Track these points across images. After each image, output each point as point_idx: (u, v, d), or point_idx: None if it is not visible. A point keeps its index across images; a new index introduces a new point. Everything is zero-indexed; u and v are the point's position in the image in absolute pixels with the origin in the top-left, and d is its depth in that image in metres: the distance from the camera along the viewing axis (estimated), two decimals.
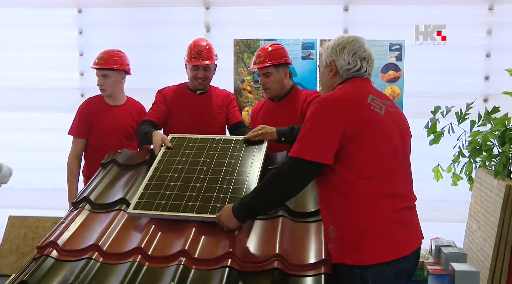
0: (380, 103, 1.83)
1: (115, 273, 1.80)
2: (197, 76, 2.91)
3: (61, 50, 4.05)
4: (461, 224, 2.98)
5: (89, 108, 3.07)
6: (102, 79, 3.02)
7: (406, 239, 1.77)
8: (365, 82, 1.92)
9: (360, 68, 1.90)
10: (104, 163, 2.54)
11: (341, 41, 1.93)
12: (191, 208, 2.05)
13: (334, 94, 1.84)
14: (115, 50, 3.09)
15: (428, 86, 3.71)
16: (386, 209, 1.74)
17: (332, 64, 1.93)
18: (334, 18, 3.80)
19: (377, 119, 1.79)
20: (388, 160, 1.78)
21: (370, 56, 1.92)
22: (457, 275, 2.17)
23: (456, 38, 3.63)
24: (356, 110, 1.76)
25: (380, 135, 1.78)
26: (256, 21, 3.85)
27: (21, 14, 4.05)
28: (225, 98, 3.08)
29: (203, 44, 2.95)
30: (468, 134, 2.90)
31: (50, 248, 1.92)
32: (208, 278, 1.75)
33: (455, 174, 3.02)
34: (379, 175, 1.75)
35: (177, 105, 2.94)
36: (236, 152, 2.35)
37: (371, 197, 1.72)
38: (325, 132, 1.74)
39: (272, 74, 2.76)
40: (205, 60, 2.90)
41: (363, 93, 1.83)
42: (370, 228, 1.71)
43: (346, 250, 1.74)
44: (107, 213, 2.16)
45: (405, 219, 1.79)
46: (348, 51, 1.89)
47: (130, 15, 3.99)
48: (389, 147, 1.80)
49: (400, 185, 1.81)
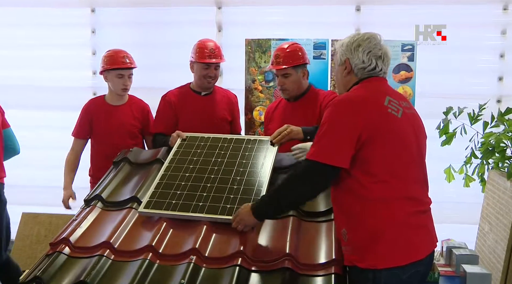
0: (397, 105, 1.79)
1: (126, 271, 1.82)
2: (208, 74, 2.91)
3: (74, 49, 4.09)
4: (472, 225, 2.96)
5: (91, 109, 3.07)
6: (127, 80, 3.03)
7: (421, 243, 1.75)
8: (382, 82, 1.88)
9: (375, 67, 1.85)
10: (116, 161, 2.56)
11: (356, 38, 1.87)
12: (202, 208, 2.06)
13: (350, 96, 1.81)
14: (123, 50, 3.09)
15: (440, 86, 3.69)
16: (401, 213, 1.72)
17: (346, 62, 1.88)
18: (346, 18, 3.79)
19: (394, 122, 1.76)
20: (404, 164, 1.76)
21: (386, 55, 1.87)
22: (468, 277, 2.15)
23: (469, 39, 3.60)
24: (372, 113, 1.73)
25: (396, 139, 1.75)
26: (267, 21, 3.85)
27: (35, 13, 4.11)
28: (229, 101, 3.08)
29: (213, 43, 2.96)
30: (481, 136, 2.88)
31: (62, 244, 1.95)
32: (218, 276, 1.76)
33: (467, 175, 3.00)
34: (394, 178, 1.73)
35: (183, 108, 2.93)
36: (248, 152, 2.36)
37: (386, 201, 1.71)
38: (342, 136, 1.72)
39: (291, 75, 2.72)
40: (218, 58, 2.91)
41: (380, 95, 1.80)
42: (384, 231, 1.69)
43: (359, 253, 1.73)
44: (118, 210, 2.18)
45: (420, 223, 1.77)
46: (363, 50, 1.84)
47: (142, 14, 4.02)
48: (405, 150, 1.77)
49: (415, 188, 1.79)
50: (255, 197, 2.08)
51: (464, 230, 3.21)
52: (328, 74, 3.40)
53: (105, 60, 3.02)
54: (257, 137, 2.46)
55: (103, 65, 3.02)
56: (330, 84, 3.39)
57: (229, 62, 3.16)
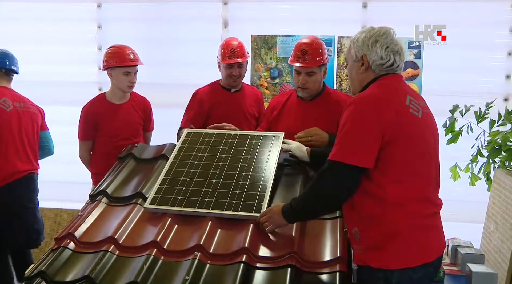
0: (417, 105, 1.76)
1: (131, 266, 1.82)
2: (232, 74, 2.97)
3: (80, 44, 4.09)
4: (478, 224, 2.94)
5: (94, 111, 3.04)
6: (134, 77, 3.02)
7: (433, 245, 1.74)
8: (400, 80, 1.85)
9: (393, 63, 1.81)
10: (121, 156, 2.56)
11: (372, 33, 1.82)
12: (207, 204, 2.06)
13: (373, 94, 1.75)
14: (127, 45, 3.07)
15: (447, 84, 3.67)
16: (416, 214, 1.70)
17: (364, 58, 1.83)
18: (353, 15, 3.78)
19: (415, 123, 1.73)
20: (424, 164, 1.74)
21: (401, 49, 1.83)
22: (474, 277, 2.14)
23: (477, 36, 3.57)
24: (396, 113, 1.69)
25: (418, 139, 1.73)
26: (273, 17, 3.84)
27: (41, 8, 4.12)
28: (257, 98, 3.15)
29: (235, 43, 3.00)
30: (487, 134, 2.86)
31: (67, 239, 1.95)
32: (223, 273, 1.76)
33: (473, 174, 2.99)
34: (413, 179, 1.70)
35: (214, 105, 3.00)
36: (252, 147, 2.35)
37: (402, 202, 1.68)
38: (366, 135, 1.67)
39: (315, 74, 2.59)
40: (239, 58, 2.96)
41: (401, 94, 1.76)
42: (399, 233, 1.68)
43: (372, 253, 1.71)
44: (123, 206, 2.18)
45: (433, 224, 1.76)
46: (381, 45, 1.79)
47: (148, 10, 4.02)
48: (426, 150, 1.75)
49: (431, 189, 1.78)
50: (260, 192, 2.08)
51: (470, 229, 3.19)
52: (334, 71, 3.39)
53: (110, 57, 2.98)
54: (261, 133, 2.45)
55: (108, 61, 2.98)
56: (336, 81, 3.38)
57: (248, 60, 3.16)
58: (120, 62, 2.95)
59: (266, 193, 2.07)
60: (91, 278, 1.74)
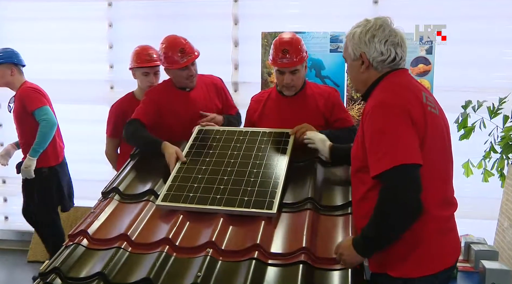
0: (433, 102, 1.68)
1: (143, 263, 1.83)
2: (189, 74, 2.68)
3: (91, 42, 4.12)
4: (491, 221, 2.92)
5: (122, 108, 3.08)
6: (153, 77, 3.05)
7: (453, 248, 1.69)
8: (408, 76, 1.73)
9: (395, 57, 1.68)
10: (133, 154, 2.57)
11: (368, 28, 1.68)
12: (219, 200, 2.06)
13: (390, 97, 1.61)
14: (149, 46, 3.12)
15: (459, 80, 3.63)
16: (438, 219, 1.63)
17: (363, 56, 1.70)
18: (363, 11, 3.74)
19: (435, 121, 1.64)
20: (443, 164, 1.67)
21: (402, 40, 1.70)
22: (487, 273, 2.12)
23: (489, 30, 3.53)
24: (419, 114, 1.58)
25: (439, 138, 1.65)
26: (284, 14, 3.84)
27: (53, 7, 4.14)
28: (216, 87, 2.86)
29: (183, 42, 2.72)
30: (501, 130, 2.84)
31: (81, 236, 1.97)
32: (234, 269, 1.76)
33: (486, 170, 2.96)
34: (436, 181, 1.62)
35: (168, 107, 2.69)
36: (263, 144, 2.35)
37: (425, 207, 1.56)
38: (408, 134, 1.54)
39: (299, 71, 2.52)
40: (190, 55, 2.67)
41: (417, 91, 1.65)
42: (423, 240, 1.60)
43: (391, 261, 1.64)
44: (136, 203, 2.19)
45: (451, 227, 1.70)
46: (380, 40, 1.66)
47: (159, 7, 4.03)
48: (444, 149, 1.68)
49: (450, 189, 1.71)
50: (272, 189, 2.07)
51: (483, 225, 3.17)
52: (345, 68, 3.36)
53: (131, 57, 3.06)
54: (272, 130, 2.45)
55: (131, 62, 3.07)
56: (347, 77, 3.37)
57: (245, 56, 3.15)
58: (139, 63, 3.02)
59: (277, 190, 2.07)
60: (104, 275, 1.76)
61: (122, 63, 3.15)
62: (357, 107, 3.36)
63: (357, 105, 3.37)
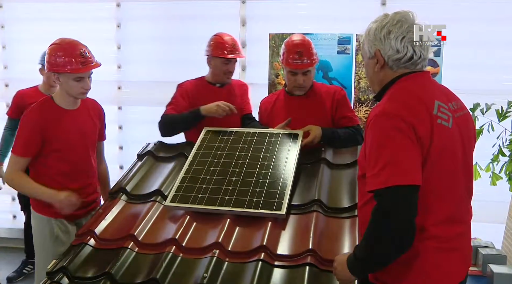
0: (447, 111, 1.51)
1: (150, 263, 1.83)
2: (228, 70, 2.84)
3: (99, 43, 4.11)
4: (499, 225, 2.90)
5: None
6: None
7: (455, 268, 1.55)
8: (424, 81, 1.57)
9: (413, 56, 1.55)
10: (139, 154, 2.58)
11: (384, 23, 1.56)
12: (228, 201, 2.06)
13: (394, 106, 1.48)
14: None
15: (467, 82, 3.61)
16: (436, 239, 1.50)
17: (377, 54, 1.57)
18: (371, 13, 3.71)
19: (445, 136, 1.48)
20: (449, 181, 1.51)
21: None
22: (496, 278, 2.11)
23: (497, 33, 3.51)
24: (424, 129, 1.44)
25: (446, 156, 1.49)
26: (291, 15, 3.83)
27: (61, 8, 4.16)
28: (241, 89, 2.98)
29: (230, 38, 2.88)
30: (509, 133, 2.82)
31: (88, 236, 1.98)
32: (241, 271, 1.76)
33: (494, 173, 2.94)
34: (437, 201, 1.49)
35: (200, 100, 2.77)
36: (271, 145, 2.35)
37: (421, 227, 1.47)
38: (407, 150, 1.42)
39: (310, 72, 2.62)
40: (238, 53, 2.84)
41: (428, 100, 1.50)
42: (417, 258, 1.49)
43: (385, 276, 1.54)
44: (143, 203, 2.20)
45: (457, 247, 1.55)
46: (396, 36, 1.54)
47: (167, 8, 4.03)
48: (452, 165, 1.52)
49: (456, 207, 1.55)
50: (280, 190, 2.08)
51: (491, 229, 3.14)
52: (353, 70, 3.37)
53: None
54: (280, 131, 2.45)
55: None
56: (354, 79, 3.36)
57: (253, 57, 3.15)
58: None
59: (286, 191, 2.07)
60: (111, 274, 1.76)
61: (130, 64, 3.15)
62: (365, 109, 3.35)
63: (364, 107, 3.36)
